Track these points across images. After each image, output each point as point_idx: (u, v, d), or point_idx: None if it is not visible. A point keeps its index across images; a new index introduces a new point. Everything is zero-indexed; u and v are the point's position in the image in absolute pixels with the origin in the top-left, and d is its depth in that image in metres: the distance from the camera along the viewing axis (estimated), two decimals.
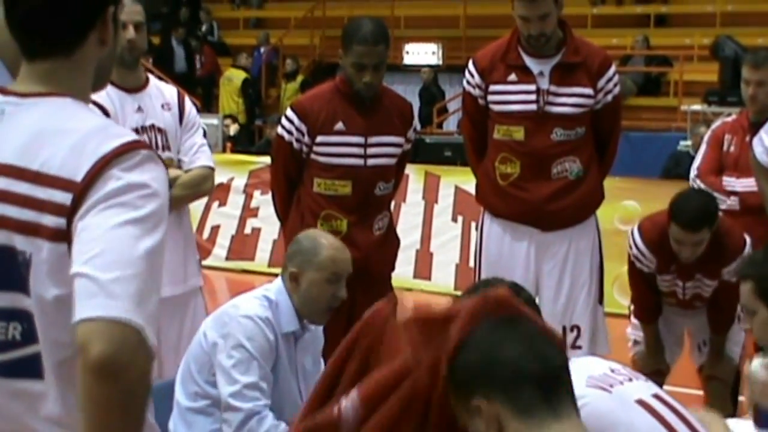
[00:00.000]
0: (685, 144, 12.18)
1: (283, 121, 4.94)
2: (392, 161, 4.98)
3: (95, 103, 2.19)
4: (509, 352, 2.15)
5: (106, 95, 4.43)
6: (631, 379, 2.79)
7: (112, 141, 2.03)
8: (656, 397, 2.76)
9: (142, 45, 4.70)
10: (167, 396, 4.13)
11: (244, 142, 15.48)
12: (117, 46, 2.24)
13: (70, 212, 1.99)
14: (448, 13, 19.18)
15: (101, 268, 1.92)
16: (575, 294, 5.10)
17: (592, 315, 5.13)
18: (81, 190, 1.99)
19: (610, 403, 2.65)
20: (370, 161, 4.90)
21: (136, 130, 4.50)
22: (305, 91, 14.89)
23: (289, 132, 4.88)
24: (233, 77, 17.59)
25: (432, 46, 18.73)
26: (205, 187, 4.84)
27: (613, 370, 2.80)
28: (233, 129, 15.77)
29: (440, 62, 18.58)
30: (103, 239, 1.95)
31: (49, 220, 2.00)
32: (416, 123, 5.18)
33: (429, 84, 17.85)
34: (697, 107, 13.61)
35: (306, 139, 4.86)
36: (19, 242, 2.03)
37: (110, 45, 2.19)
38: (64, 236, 2.00)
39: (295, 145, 4.88)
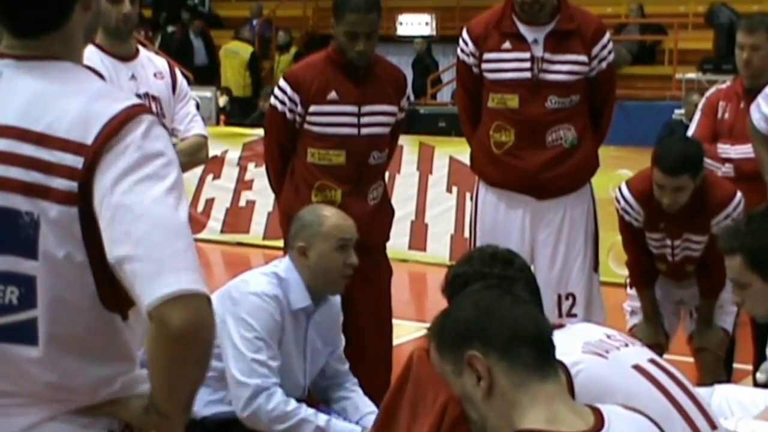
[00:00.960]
0: (679, 113, 12.15)
1: (276, 91, 4.92)
2: (386, 130, 4.97)
3: (90, 69, 2.17)
4: (508, 311, 2.21)
5: (101, 62, 4.48)
6: (627, 345, 2.80)
7: (118, 103, 2.04)
8: (652, 362, 2.76)
9: (136, 16, 4.79)
10: None
11: (239, 115, 15.40)
12: (99, 6, 2.24)
13: (82, 176, 2.00)
14: None
15: (157, 246, 1.95)
16: (570, 262, 5.11)
17: (587, 283, 5.14)
18: (93, 154, 1.99)
19: (606, 368, 2.66)
20: (364, 130, 4.89)
21: None
22: None
23: (282, 102, 4.86)
24: (239, 50, 17.43)
25: (425, 17, 18.65)
26: (201, 155, 4.92)
27: (609, 336, 2.80)
28: (222, 101, 15.71)
29: (434, 33, 18.51)
30: (147, 217, 1.97)
31: (60, 183, 2.01)
32: (410, 92, 5.16)
33: (422, 55, 17.79)
34: (692, 75, 13.58)
35: (299, 109, 4.84)
36: (23, 204, 2.03)
37: (94, 8, 2.18)
38: (75, 200, 2.01)
39: (288, 115, 4.86)
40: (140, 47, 4.91)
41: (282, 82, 4.92)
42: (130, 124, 2.01)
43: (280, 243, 10.07)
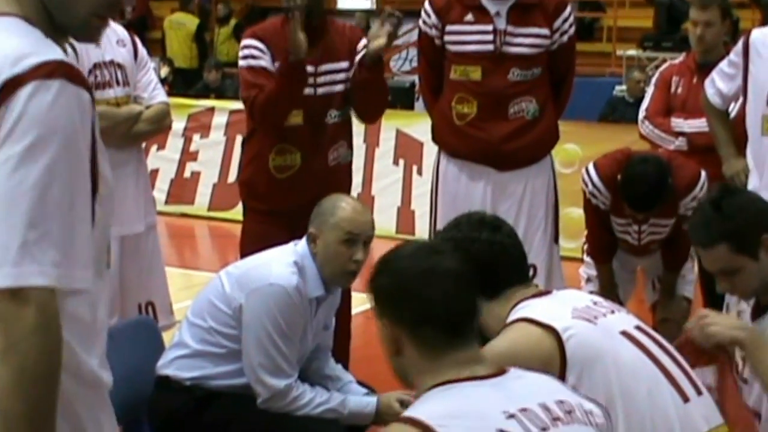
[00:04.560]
0: (620, 89, 12.28)
1: (246, 51, 4.83)
2: (342, 88, 4.92)
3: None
4: (420, 291, 2.28)
5: None
6: (613, 312, 2.84)
7: (29, 60, 1.94)
8: (639, 328, 2.81)
9: None
10: (129, 337, 4.10)
11: (182, 86, 15.23)
12: None
13: None
14: None
15: None
16: (531, 233, 5.14)
17: (548, 254, 5.19)
18: None
19: (595, 333, 2.70)
20: (321, 90, 4.87)
21: (98, 65, 4.55)
22: (238, 36, 14.66)
23: (257, 57, 4.82)
24: (186, 22, 17.18)
25: None
26: (166, 122, 4.92)
27: (595, 303, 2.84)
28: (164, 72, 15.54)
29: (374, 7, 18.47)
30: None
31: None
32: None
33: (363, 28, 17.77)
34: (632, 52, 13.71)
35: (272, 65, 4.80)
36: None
37: None
38: None
39: (270, 68, 4.80)
40: None
41: (251, 41, 4.84)
42: (26, 84, 1.91)
43: (225, 214, 10.17)
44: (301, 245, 4.01)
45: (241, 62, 4.88)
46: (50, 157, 1.89)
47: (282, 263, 3.93)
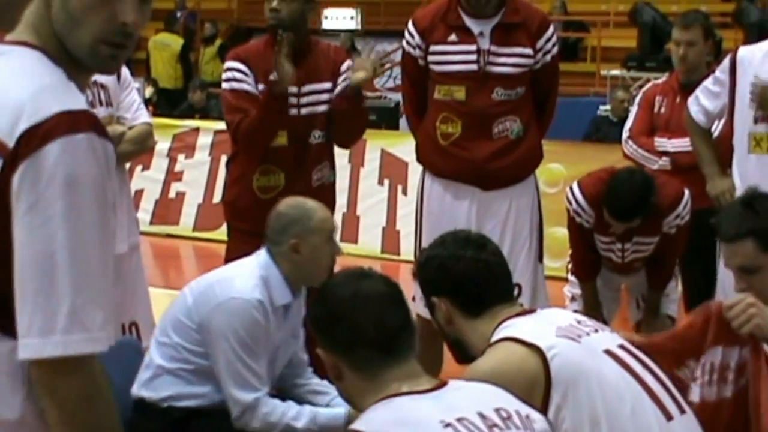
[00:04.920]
0: (604, 108, 12.33)
1: (229, 74, 4.87)
2: (325, 108, 4.95)
3: None
4: (350, 316, 2.41)
5: None
6: (596, 330, 2.84)
7: (50, 107, 1.88)
8: (622, 347, 2.81)
9: None
10: (112, 358, 4.07)
11: (166, 106, 15.25)
12: None
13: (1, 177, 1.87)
14: None
15: (21, 295, 1.85)
16: (516, 252, 5.12)
17: (532, 273, 5.18)
18: (11, 158, 1.86)
19: (579, 352, 2.70)
20: (304, 110, 4.90)
21: None
22: (223, 56, 14.69)
23: (239, 80, 4.84)
24: (170, 42, 17.18)
25: (350, 11, 18.67)
26: (149, 143, 4.92)
27: (579, 322, 2.84)
28: (149, 92, 15.54)
29: (359, 27, 18.52)
30: (20, 254, 1.85)
31: None
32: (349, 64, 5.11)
33: (348, 49, 17.83)
34: (616, 72, 13.77)
35: (255, 87, 4.83)
36: None
37: None
38: None
39: (253, 91, 4.83)
40: None
41: (234, 64, 4.89)
42: (54, 141, 1.85)
43: (210, 235, 10.14)
44: (263, 255, 4.04)
45: (224, 85, 4.93)
46: (85, 218, 1.87)
47: (245, 276, 3.96)
